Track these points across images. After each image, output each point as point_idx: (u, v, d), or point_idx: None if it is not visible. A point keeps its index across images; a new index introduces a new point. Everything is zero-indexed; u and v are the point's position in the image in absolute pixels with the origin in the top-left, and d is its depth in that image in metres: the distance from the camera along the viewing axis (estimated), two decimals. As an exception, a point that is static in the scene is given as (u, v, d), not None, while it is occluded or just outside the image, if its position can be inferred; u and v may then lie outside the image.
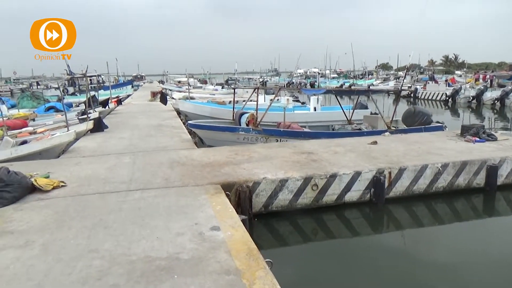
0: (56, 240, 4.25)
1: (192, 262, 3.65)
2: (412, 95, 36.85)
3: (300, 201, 6.69)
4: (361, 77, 66.22)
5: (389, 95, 27.19)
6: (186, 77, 61.70)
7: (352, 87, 39.26)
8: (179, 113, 18.00)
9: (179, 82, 52.96)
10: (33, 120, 14.27)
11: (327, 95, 22.46)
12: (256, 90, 13.18)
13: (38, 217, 4.94)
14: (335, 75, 75.41)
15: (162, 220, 4.73)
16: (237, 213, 5.09)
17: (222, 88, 37.71)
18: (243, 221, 4.87)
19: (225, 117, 14.14)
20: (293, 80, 63.48)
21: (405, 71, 28.73)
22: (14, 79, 68.44)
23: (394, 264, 5.47)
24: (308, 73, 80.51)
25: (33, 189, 5.91)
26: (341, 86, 47.75)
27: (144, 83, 63.60)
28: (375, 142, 9.33)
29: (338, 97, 15.49)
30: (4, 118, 11.24)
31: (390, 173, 7.16)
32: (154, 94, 25.07)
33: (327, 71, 70.76)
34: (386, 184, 7.12)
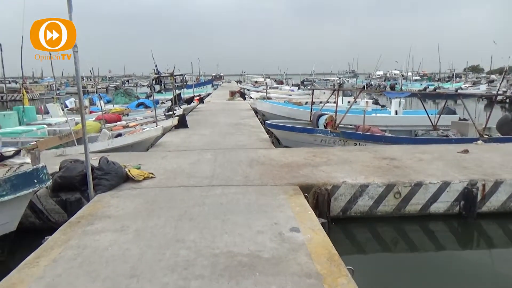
0: (147, 228, 4.58)
1: (272, 262, 3.68)
2: (508, 100, 33.32)
3: (381, 209, 6.41)
4: (447, 79, 61.63)
5: (482, 99, 24.87)
6: (262, 77, 62.82)
7: (437, 91, 36.69)
8: (256, 112, 18.35)
9: (256, 82, 54.08)
10: (127, 115, 15.60)
11: (407, 98, 21.24)
12: (336, 92, 12.91)
13: (131, 205, 5.37)
14: (418, 78, 71.12)
15: (242, 217, 4.85)
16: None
17: (298, 89, 37.68)
18: (322, 224, 4.81)
19: (302, 118, 14.07)
20: (372, 82, 61.13)
21: (503, 73, 25.98)
22: (109, 77, 75.43)
23: (482, 286, 4.99)
24: (388, 75, 76.98)
25: (127, 178, 6.43)
26: (425, 89, 44.96)
27: (222, 82, 66.01)
28: (466, 151, 8.59)
29: (422, 101, 14.58)
30: (103, 112, 12.44)
31: (484, 185, 6.54)
32: (232, 94, 25.89)
33: (409, 73, 66.93)
34: (479, 198, 6.51)
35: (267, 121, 12.92)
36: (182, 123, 12.72)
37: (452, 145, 9.74)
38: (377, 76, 75.84)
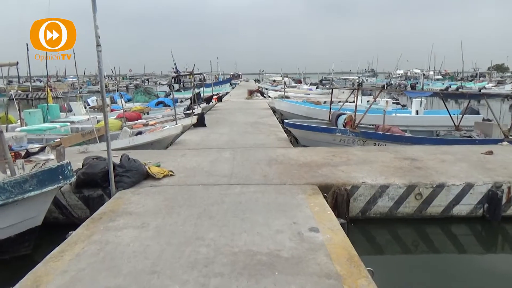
0: (167, 225, 4.64)
1: (292, 261, 3.68)
2: (535, 100, 32.21)
3: (401, 210, 6.32)
4: (470, 79, 60.10)
5: (507, 99, 24.15)
6: (281, 76, 62.67)
7: (460, 90, 35.84)
8: (274, 111, 18.33)
9: (274, 81, 54.00)
10: (147, 113, 15.83)
11: (428, 98, 20.79)
12: (356, 91, 12.77)
13: (151, 202, 5.45)
14: (439, 77, 69.58)
15: (261, 216, 4.86)
16: (334, 216, 4.99)
17: (316, 88, 37.46)
18: (341, 225, 4.77)
19: (321, 118, 13.97)
20: (392, 82, 60.16)
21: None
22: (129, 76, 76.64)
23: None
24: (408, 74, 75.58)
25: (147, 176, 6.53)
26: (447, 88, 44.00)
27: (240, 81, 66.15)
28: (490, 152, 8.37)
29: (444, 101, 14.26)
30: (124, 111, 12.65)
31: (509, 188, 6.35)
32: (250, 92, 25.91)
33: (431, 72, 65.53)
34: (504, 200, 6.33)
35: (285, 120, 12.88)
36: (200, 122, 12.82)
37: (476, 146, 9.50)
38: (397, 75, 74.53)
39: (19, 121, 13.44)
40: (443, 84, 52.43)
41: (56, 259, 3.83)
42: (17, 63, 5.23)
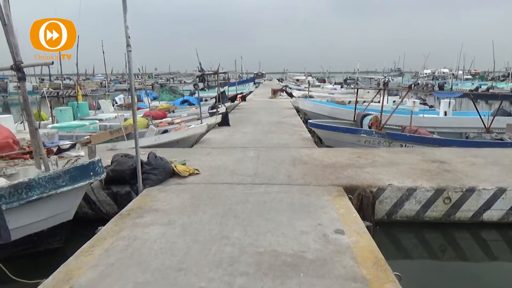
0: (193, 223, 4.71)
1: (317, 263, 3.67)
2: None
3: (429, 214, 6.18)
4: (502, 79, 57.99)
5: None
6: (304, 75, 62.27)
7: (490, 91, 34.64)
8: (298, 111, 18.26)
9: (297, 80, 53.75)
10: (173, 111, 16.09)
11: (457, 98, 20.16)
12: (382, 91, 12.56)
13: (177, 200, 5.54)
14: (469, 76, 67.46)
15: (286, 216, 4.86)
16: (359, 218, 4.94)
17: (341, 87, 37.00)
18: (367, 227, 4.71)
19: (345, 118, 13.81)
20: (419, 81, 58.75)
21: None
22: (155, 75, 77.93)
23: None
24: (436, 73, 73.58)
25: (173, 174, 6.64)
26: (477, 89, 42.64)
27: (264, 80, 66.15)
28: (523, 156, 8.06)
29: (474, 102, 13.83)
30: (150, 109, 12.90)
31: (544, 193, 6.11)
32: (274, 92, 25.86)
33: (460, 72, 63.60)
34: (538, 206, 6.10)
35: (309, 120, 12.81)
36: (224, 121, 12.92)
37: (508, 149, 9.19)
38: (424, 75, 72.70)
39: (50, 118, 13.94)
40: (472, 84, 50.79)
41: (87, 254, 3.96)
42: (52, 62, 5.39)
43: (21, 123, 11.99)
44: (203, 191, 5.90)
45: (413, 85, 43.89)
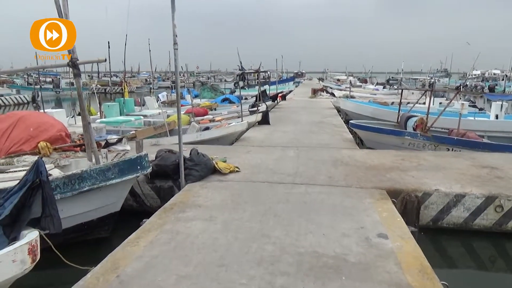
0: (234, 220, 4.76)
1: (359, 267, 3.59)
2: None
3: (478, 222, 5.87)
4: (561, 81, 53.93)
5: None
6: (345, 75, 61.10)
7: (549, 93, 32.32)
8: (338, 111, 17.96)
9: (338, 80, 52.87)
10: (214, 109, 16.37)
11: (510, 101, 18.93)
12: (430, 93, 12.08)
13: (218, 196, 5.62)
14: (524, 78, 63.30)
15: (327, 217, 4.80)
16: (403, 223, 4.78)
17: (383, 88, 35.98)
18: (412, 233, 4.55)
19: (388, 119, 13.39)
20: (467, 83, 55.88)
21: None
22: (196, 73, 79.53)
23: None
24: (486, 74, 69.65)
25: (214, 170, 6.74)
26: (532, 91, 39.91)
27: (304, 80, 65.60)
28: None
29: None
30: (192, 106, 13.18)
31: None
32: (314, 91, 25.60)
33: (513, 73, 59.74)
34: None
35: (351, 121, 12.54)
36: (265, 120, 12.94)
37: None
38: (473, 76, 69.04)
39: (98, 113, 14.61)
40: (527, 86, 47.60)
41: (133, 244, 4.11)
42: (105, 60, 5.62)
43: (72, 117, 12.66)
44: (243, 189, 5.94)
45: (461, 86, 41.82)
